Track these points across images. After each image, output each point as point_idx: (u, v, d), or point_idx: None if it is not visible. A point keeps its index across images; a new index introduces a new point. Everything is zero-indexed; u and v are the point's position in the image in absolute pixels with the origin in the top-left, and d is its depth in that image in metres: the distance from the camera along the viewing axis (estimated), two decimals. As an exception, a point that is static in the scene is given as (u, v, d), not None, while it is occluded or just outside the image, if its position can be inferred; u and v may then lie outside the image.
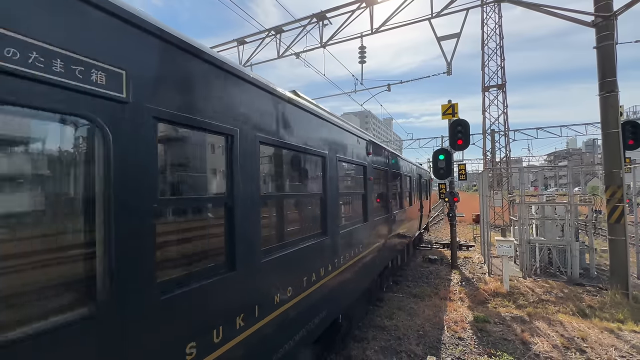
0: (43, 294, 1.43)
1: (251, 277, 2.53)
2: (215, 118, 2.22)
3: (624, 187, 6.99)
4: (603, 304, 6.70)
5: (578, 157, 66.42)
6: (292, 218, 3.78)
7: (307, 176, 3.88)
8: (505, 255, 7.76)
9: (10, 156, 1.41)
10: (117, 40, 1.63)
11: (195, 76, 2.11)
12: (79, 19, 1.48)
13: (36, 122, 1.43)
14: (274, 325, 2.76)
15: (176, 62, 1.98)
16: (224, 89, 2.34)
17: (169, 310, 1.84)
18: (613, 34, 7.19)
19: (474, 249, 13.46)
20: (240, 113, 2.48)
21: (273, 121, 2.92)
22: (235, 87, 2.46)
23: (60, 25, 1.41)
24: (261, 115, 2.74)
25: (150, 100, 1.78)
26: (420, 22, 9.25)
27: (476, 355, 4.85)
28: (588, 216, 9.54)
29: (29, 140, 1.45)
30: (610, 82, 7.18)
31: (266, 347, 2.69)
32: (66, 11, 1.44)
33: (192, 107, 2.05)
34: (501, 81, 19.97)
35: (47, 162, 1.48)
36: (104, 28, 1.58)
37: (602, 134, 7.43)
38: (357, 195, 5.32)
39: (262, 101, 2.78)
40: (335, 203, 4.15)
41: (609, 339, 5.17)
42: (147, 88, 1.77)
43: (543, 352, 4.86)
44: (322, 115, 3.94)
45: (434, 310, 6.65)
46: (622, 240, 6.99)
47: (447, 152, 10.22)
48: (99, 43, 1.55)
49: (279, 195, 3.45)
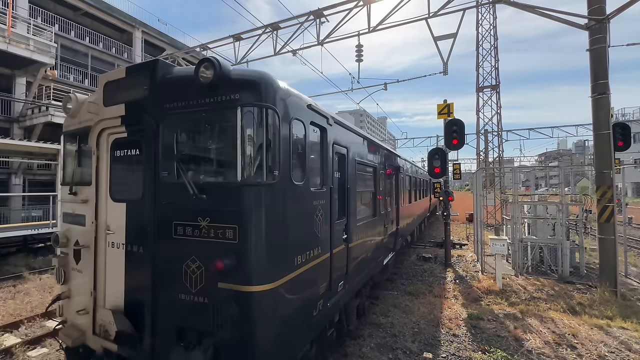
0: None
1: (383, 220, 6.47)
2: (375, 159, 6.05)
3: (614, 187, 7.14)
4: (592, 302, 6.86)
5: (568, 157, 67.64)
6: (382, 200, 6.51)
7: (392, 179, 7.53)
8: (499, 253, 7.87)
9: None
10: (345, 134, 4.45)
11: (359, 140, 5.14)
12: (343, 130, 4.40)
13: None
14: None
15: (355, 137, 4.89)
16: (368, 144, 5.67)
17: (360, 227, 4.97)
18: (605, 37, 7.32)
19: (467, 248, 13.63)
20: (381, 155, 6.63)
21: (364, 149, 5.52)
22: (369, 143, 5.79)
23: (343, 133, 4.38)
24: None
25: (353, 154, 4.70)
26: (417, 21, 9.28)
27: (470, 352, 4.92)
28: (579, 215, 9.74)
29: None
30: (602, 84, 7.32)
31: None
32: (344, 130, 4.42)
33: (360, 153, 5.13)
34: (495, 82, 20.17)
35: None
36: (341, 131, 4.30)
37: (593, 135, 7.58)
38: (394, 190, 7.88)
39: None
40: (391, 193, 7.44)
41: (599, 335, 5.30)
42: (353, 150, 4.69)
43: (535, 348, 4.95)
44: (377, 142, 6.63)
45: (428, 308, 6.72)
46: (612, 239, 7.15)
47: (442, 152, 10.30)
48: (343, 137, 4.36)
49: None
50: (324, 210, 3.55)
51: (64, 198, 3.67)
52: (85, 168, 3.49)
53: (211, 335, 2.52)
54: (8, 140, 10.83)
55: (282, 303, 2.75)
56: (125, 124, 3.08)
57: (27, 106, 17.20)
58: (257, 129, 2.57)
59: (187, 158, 2.83)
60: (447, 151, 10.48)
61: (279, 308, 2.72)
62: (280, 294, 2.71)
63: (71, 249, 3.47)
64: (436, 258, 11.35)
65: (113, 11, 22.80)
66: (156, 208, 2.82)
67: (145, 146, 2.96)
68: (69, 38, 20.38)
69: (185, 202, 2.67)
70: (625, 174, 9.05)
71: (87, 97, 3.61)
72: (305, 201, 3.19)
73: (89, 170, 3.36)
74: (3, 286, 8.63)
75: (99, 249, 3.21)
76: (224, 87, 2.59)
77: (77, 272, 3.42)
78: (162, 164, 2.82)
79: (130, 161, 3.14)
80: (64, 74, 20.51)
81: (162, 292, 2.76)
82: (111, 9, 22.72)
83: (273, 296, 2.61)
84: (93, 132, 3.31)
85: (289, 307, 2.88)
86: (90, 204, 3.29)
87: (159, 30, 27.04)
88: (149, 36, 25.81)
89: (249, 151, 2.53)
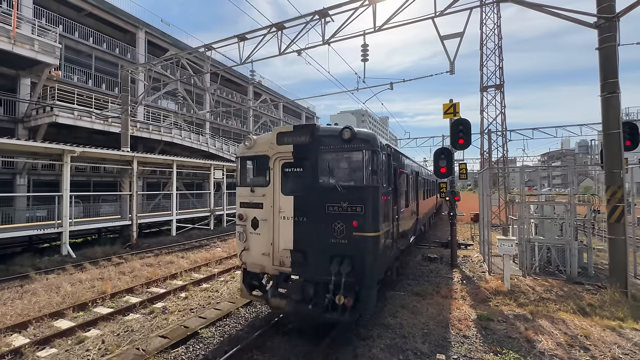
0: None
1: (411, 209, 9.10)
2: (406, 168, 8.36)
3: (625, 187, 7.07)
4: (603, 302, 6.79)
5: (571, 157, 67.28)
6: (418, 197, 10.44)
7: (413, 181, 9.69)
8: (507, 254, 7.81)
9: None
10: (397, 155, 7.08)
11: (402, 158, 7.81)
12: (396, 153, 7.14)
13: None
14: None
15: (400, 156, 7.55)
16: (404, 160, 8.03)
17: (402, 213, 7.46)
18: (615, 36, 7.25)
19: (472, 248, 13.55)
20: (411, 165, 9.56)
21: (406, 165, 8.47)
22: (404, 157, 8.30)
23: (396, 155, 7.05)
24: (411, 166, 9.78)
25: (399, 166, 7.11)
26: (424, 20, 9.23)
27: (482, 353, 4.88)
28: (586, 216, 9.67)
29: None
30: (612, 83, 7.25)
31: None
32: (396, 153, 7.24)
33: (402, 165, 7.68)
34: (499, 81, 20.07)
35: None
36: (396, 154, 6.96)
37: (602, 134, 7.50)
38: (416, 190, 10.08)
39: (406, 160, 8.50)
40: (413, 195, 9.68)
41: (611, 337, 5.24)
42: (399, 164, 7.22)
43: (548, 349, 4.90)
44: (408, 157, 9.04)
45: (437, 309, 6.68)
46: (622, 239, 7.08)
47: (448, 151, 10.25)
48: (396, 157, 6.94)
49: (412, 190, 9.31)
50: (390, 201, 6.12)
51: (242, 193, 6.12)
52: (259, 177, 6.10)
53: (349, 257, 5.08)
54: (13, 141, 10.85)
55: (379, 242, 5.37)
56: (294, 155, 5.62)
57: (32, 107, 17.25)
58: (370, 160, 5.22)
59: (333, 173, 5.49)
60: (453, 151, 10.43)
61: (378, 244, 5.34)
62: (379, 239, 5.34)
63: (249, 221, 5.95)
64: (442, 258, 11.28)
65: (116, 12, 22.84)
66: (316, 198, 5.36)
67: (306, 166, 5.54)
68: (73, 39, 20.44)
69: (334, 194, 5.23)
70: (633, 173, 8.96)
71: (260, 138, 6.13)
72: (384, 195, 5.66)
73: (264, 178, 5.90)
74: (10, 286, 8.65)
75: (275, 220, 5.70)
76: (355, 140, 5.24)
77: (255, 234, 5.90)
78: (320, 176, 5.43)
79: (295, 174, 5.69)
80: (68, 75, 20.56)
81: (319, 239, 5.30)
82: (114, 9, 22.76)
83: (376, 238, 5.23)
84: (271, 158, 5.82)
85: (381, 245, 5.52)
86: (268, 196, 5.78)
87: (162, 31, 27.07)
88: (152, 37, 25.85)
89: (368, 170, 5.20)
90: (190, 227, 18.07)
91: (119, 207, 16.70)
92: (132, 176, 14.90)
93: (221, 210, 20.60)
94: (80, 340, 5.69)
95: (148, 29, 25.33)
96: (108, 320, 6.57)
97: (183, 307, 7.26)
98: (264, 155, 5.90)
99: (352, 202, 5.11)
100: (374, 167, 5.20)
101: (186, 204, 20.58)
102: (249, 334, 5.76)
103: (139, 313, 6.99)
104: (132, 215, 14.64)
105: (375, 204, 5.19)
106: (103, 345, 5.51)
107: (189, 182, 28.24)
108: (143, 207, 18.34)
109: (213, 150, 26.74)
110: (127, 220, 14.72)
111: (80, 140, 17.68)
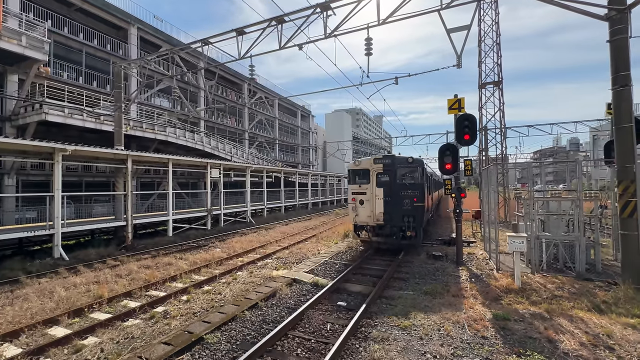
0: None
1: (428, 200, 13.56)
2: (429, 174, 14.97)
3: (637, 181, 6.96)
4: (617, 299, 6.66)
5: (564, 154, 68.18)
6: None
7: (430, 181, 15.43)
8: (518, 250, 7.66)
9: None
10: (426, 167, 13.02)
11: (426, 167, 13.57)
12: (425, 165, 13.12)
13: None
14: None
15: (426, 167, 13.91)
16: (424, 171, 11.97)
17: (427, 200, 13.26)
18: (627, 28, 7.12)
19: (475, 245, 13.44)
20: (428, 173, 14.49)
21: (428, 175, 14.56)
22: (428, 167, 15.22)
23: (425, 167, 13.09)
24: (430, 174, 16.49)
25: (425, 173, 12.52)
26: (430, 13, 9.02)
27: (504, 355, 4.67)
28: (593, 211, 9.59)
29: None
30: (624, 76, 7.12)
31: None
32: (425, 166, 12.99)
33: (427, 172, 13.59)
34: (497, 78, 20.04)
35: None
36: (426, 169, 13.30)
37: (614, 128, 7.38)
38: (427, 189, 12.87)
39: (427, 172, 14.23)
40: (432, 190, 16.02)
41: (634, 336, 5.09)
42: (426, 172, 12.64)
43: (572, 350, 4.72)
44: (429, 167, 16.64)
45: (450, 309, 6.48)
46: (635, 234, 6.97)
47: (454, 148, 10.07)
48: (426, 168, 13.28)
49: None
50: (425, 190, 11.73)
51: (353, 188, 12.00)
52: (363, 179, 11.85)
53: (412, 215, 11.07)
54: (1, 138, 10.33)
55: (424, 209, 11.35)
56: (383, 169, 11.59)
57: (20, 104, 16.60)
58: (420, 172, 11.36)
59: (403, 177, 11.48)
60: (458, 147, 10.26)
61: (424, 209, 11.33)
62: (424, 207, 11.25)
63: (357, 201, 11.78)
64: (446, 256, 11.13)
65: (107, 7, 22.17)
66: (396, 188, 11.34)
67: (390, 174, 11.52)
68: (63, 34, 19.76)
69: (404, 187, 11.27)
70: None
71: (363, 160, 12.32)
72: (423, 189, 11.27)
73: (367, 179, 11.78)
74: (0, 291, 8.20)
75: (373, 199, 11.58)
76: (413, 162, 11.41)
77: (361, 207, 11.75)
78: (399, 178, 11.45)
79: (384, 178, 11.59)
80: (58, 71, 19.90)
81: (397, 207, 11.23)
82: (105, 4, 22.10)
83: (423, 207, 11.12)
84: (370, 171, 11.76)
85: (424, 210, 11.50)
86: (370, 188, 11.67)
87: (155, 27, 26.44)
88: (145, 33, 25.22)
89: (418, 176, 11.33)
90: (187, 227, 17.65)
91: (113, 208, 16.18)
92: (127, 175, 14.43)
93: (218, 210, 20.19)
94: (78, 349, 5.32)
95: (140, 25, 24.69)
96: (106, 326, 6.21)
97: (185, 311, 6.93)
98: (366, 169, 11.91)
99: (413, 190, 11.17)
100: (421, 175, 11.35)
101: (181, 203, 20.10)
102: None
103: (139, 318, 6.64)
104: (127, 215, 14.17)
105: (422, 191, 11.19)
106: (102, 354, 5.16)
107: (183, 182, 27.71)
108: (137, 207, 17.81)
109: (208, 149, 26.25)
110: (122, 220, 14.25)
111: (71, 139, 17.08)
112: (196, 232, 17.56)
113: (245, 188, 23.24)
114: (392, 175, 11.35)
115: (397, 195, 11.16)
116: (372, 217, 11.48)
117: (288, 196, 31.06)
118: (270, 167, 28.88)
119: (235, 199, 23.82)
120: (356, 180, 11.94)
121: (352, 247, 13.24)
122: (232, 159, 28.57)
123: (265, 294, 7.67)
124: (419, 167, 11.22)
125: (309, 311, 6.66)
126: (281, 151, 47.10)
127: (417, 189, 11.05)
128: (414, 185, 11.09)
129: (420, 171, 11.18)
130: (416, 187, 11.05)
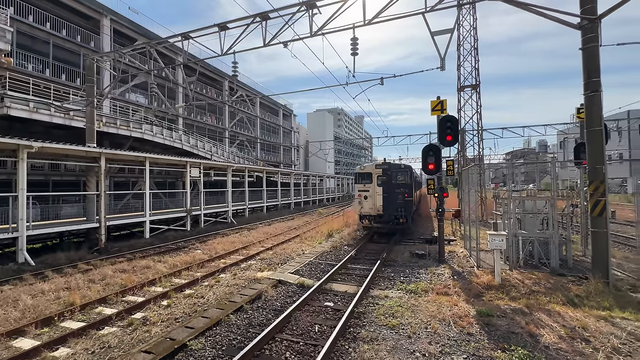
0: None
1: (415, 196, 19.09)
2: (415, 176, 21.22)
3: (606, 182, 7.39)
4: (588, 293, 7.04)
5: (534, 155, 71.92)
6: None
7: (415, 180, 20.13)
8: (498, 248, 7.92)
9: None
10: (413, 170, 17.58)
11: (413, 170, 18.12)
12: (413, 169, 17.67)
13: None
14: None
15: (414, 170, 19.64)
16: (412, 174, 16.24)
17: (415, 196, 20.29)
18: (597, 36, 7.54)
19: (455, 243, 13.83)
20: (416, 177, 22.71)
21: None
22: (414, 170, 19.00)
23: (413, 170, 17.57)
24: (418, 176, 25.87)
25: (413, 175, 17.62)
26: (415, 15, 9.15)
27: (490, 351, 4.80)
28: (565, 209, 10.12)
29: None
30: (595, 82, 7.54)
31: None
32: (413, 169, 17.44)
33: (414, 174, 19.41)
34: (475, 81, 20.77)
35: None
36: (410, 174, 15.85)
37: (586, 131, 7.80)
38: (414, 188, 16.94)
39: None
40: (416, 189, 21.88)
41: (606, 327, 5.39)
42: (414, 174, 19.46)
43: (552, 343, 4.92)
44: (416, 170, 22.15)
45: (435, 306, 6.59)
46: (604, 232, 7.40)
47: (437, 148, 10.30)
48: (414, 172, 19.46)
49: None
50: (413, 188, 16.26)
51: (359, 186, 15.67)
52: (367, 179, 15.50)
53: (403, 207, 14.74)
54: (-43, 134, 9.45)
55: (412, 202, 15.71)
56: (382, 173, 15.23)
57: (-22, 97, 15.29)
58: (409, 174, 15.28)
59: (397, 178, 15.06)
60: (441, 147, 10.50)
61: (412, 202, 15.70)
62: (412, 200, 15.73)
63: (362, 197, 15.41)
64: (429, 254, 11.37)
65: (77, -5, 20.94)
66: (392, 187, 14.93)
67: (388, 176, 15.11)
68: (27, 23, 18.45)
69: (398, 186, 14.89)
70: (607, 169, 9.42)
71: (367, 165, 16.21)
72: (412, 188, 15.27)
73: (370, 180, 15.41)
74: (-45, 301, 7.48)
75: (374, 195, 15.18)
76: (405, 168, 15.51)
77: (365, 201, 15.31)
78: (394, 179, 15.05)
79: (383, 179, 15.17)
80: (21, 63, 18.56)
81: (392, 201, 14.80)
82: (75, -7, 20.86)
83: (411, 200, 15.57)
84: (372, 174, 15.44)
85: (413, 203, 16.11)
86: (372, 187, 15.31)
87: (129, 19, 25.27)
88: (119, 25, 24.05)
89: (408, 178, 15.14)
90: (165, 229, 16.98)
91: (84, 209, 15.27)
92: (100, 174, 13.67)
93: (198, 210, 19.59)
94: (48, 362, 4.94)
95: (114, 17, 23.51)
96: (79, 336, 5.81)
97: (166, 316, 6.62)
98: (369, 172, 15.41)
99: (404, 188, 14.64)
100: (410, 177, 15.04)
101: (159, 203, 19.31)
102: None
103: (116, 326, 6.27)
104: (100, 216, 13.42)
105: (411, 189, 14.79)
106: (76, 366, 4.81)
107: (160, 181, 26.70)
108: (111, 207, 16.92)
109: (187, 147, 25.43)
110: (94, 222, 13.48)
111: (37, 135, 15.99)
112: (175, 234, 16.93)
113: (227, 188, 22.71)
114: (389, 177, 14.97)
115: (392, 192, 14.76)
116: (373, 209, 15.09)
117: (270, 196, 30.68)
118: (253, 167, 28.40)
119: (216, 199, 23.22)
120: (361, 181, 15.61)
121: (337, 246, 13.25)
122: (212, 158, 27.84)
123: (250, 296, 7.48)
124: (408, 171, 15.14)
125: (296, 313, 6.56)
126: (263, 150, 46.50)
127: (407, 187, 14.71)
128: (405, 185, 14.73)
129: (409, 174, 15.09)
130: (406, 186, 14.70)
